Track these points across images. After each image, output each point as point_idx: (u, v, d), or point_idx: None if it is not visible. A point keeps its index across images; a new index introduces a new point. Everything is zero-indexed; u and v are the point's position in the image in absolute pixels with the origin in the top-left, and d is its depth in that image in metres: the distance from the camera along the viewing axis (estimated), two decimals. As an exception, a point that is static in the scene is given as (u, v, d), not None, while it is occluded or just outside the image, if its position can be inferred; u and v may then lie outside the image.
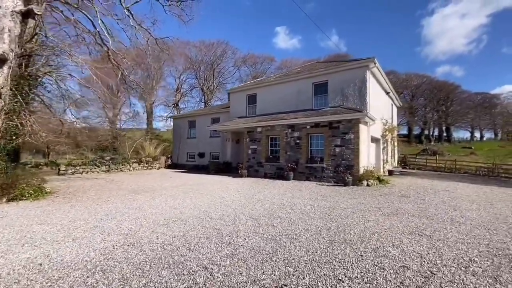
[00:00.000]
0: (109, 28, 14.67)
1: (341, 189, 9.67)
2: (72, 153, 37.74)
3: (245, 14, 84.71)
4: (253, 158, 14.35)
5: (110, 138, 42.53)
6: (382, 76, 13.71)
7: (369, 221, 5.41)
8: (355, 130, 10.95)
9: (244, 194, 8.55)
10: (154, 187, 10.33)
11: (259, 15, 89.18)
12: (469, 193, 9.35)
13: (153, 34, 15.81)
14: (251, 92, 16.50)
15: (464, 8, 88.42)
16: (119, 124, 45.95)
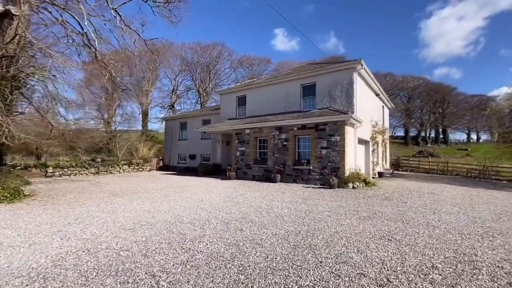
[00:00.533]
0: (98, 29, 14.61)
1: (325, 192, 9.55)
2: (66, 155, 37.46)
3: (244, 16, 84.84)
4: (242, 160, 14.22)
5: (105, 140, 42.36)
6: (371, 78, 13.65)
7: (342, 225, 5.29)
8: (341, 132, 10.85)
9: (224, 197, 8.42)
10: (137, 190, 10.18)
11: (258, 17, 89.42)
12: (454, 196, 9.25)
13: (142, 36, 15.76)
14: (241, 94, 16.40)
15: (461, 11, 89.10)
16: (114, 125, 45.80)
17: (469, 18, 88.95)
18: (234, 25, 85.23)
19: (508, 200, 8.79)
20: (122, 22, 14.89)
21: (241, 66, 52.54)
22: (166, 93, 52.68)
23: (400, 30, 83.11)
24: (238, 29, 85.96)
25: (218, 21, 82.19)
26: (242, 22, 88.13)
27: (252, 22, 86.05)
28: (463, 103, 66.22)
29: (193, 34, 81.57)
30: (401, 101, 67.45)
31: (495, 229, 5.24)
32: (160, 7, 14.25)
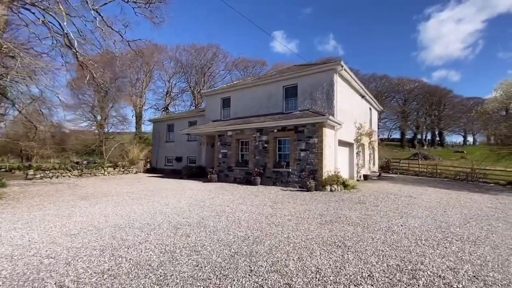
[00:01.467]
0: (81, 30, 14.46)
1: (300, 195, 9.34)
2: (57, 157, 37.23)
3: (242, 19, 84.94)
4: (224, 163, 14.01)
5: (97, 142, 42.12)
6: (354, 79, 13.50)
7: (298, 230, 5.08)
8: (318, 134, 10.67)
9: (193, 201, 8.20)
10: (109, 193, 9.95)
11: (257, 19, 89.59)
12: (431, 199, 9.06)
13: (125, 37, 15.60)
14: (225, 96, 16.24)
15: (460, 13, 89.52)
16: (107, 128, 45.56)
17: (467, 20, 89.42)
18: (231, 27, 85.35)
19: (486, 203, 8.60)
20: (104, 23, 14.77)
21: (236, 68, 52.52)
22: (160, 95, 52.61)
23: (398, 32, 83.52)
24: (236, 32, 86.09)
25: (215, 24, 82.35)
26: (239, 25, 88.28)
27: (250, 24, 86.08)
28: (459, 106, 66.30)
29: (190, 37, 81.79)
30: (397, 103, 67.52)
31: (457, 234, 5.04)
32: (141, 8, 14.12)
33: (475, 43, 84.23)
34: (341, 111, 12.46)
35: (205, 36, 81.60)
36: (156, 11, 14.43)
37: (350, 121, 13.98)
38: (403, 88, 67.87)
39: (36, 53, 15.02)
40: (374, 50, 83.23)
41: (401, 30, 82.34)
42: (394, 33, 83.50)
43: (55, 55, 14.52)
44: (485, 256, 3.95)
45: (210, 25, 79.62)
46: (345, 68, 11.90)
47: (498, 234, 5.11)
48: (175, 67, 50.35)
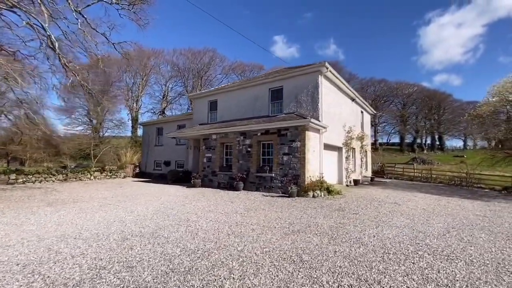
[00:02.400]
0: (66, 32, 14.24)
1: (280, 201, 8.89)
2: (51, 161, 36.95)
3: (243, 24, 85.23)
4: (208, 167, 13.60)
5: (92, 146, 41.84)
6: (342, 82, 13.14)
7: (257, 242, 4.65)
8: (301, 137, 10.26)
9: (162, 208, 7.77)
10: (81, 199, 9.54)
11: (258, 24, 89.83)
12: (418, 206, 8.59)
13: (110, 39, 15.35)
14: (212, 98, 15.90)
15: (460, 18, 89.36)
16: (102, 131, 45.37)
17: (468, 25, 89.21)
18: (230, 31, 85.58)
19: (474, 211, 8.14)
20: (89, 25, 14.55)
21: (233, 72, 52.41)
22: (157, 99, 52.50)
23: (398, 37, 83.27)
24: (234, 36, 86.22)
25: (215, 28, 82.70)
26: (240, 29, 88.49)
27: (252, 29, 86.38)
28: (459, 110, 65.76)
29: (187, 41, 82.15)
30: (396, 107, 67.11)
31: (431, 247, 4.60)
32: (125, 9, 13.88)
33: (475, 48, 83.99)
34: (327, 114, 12.07)
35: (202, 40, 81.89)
36: (140, 13, 14.19)
37: (338, 124, 13.58)
38: (402, 92, 67.44)
39: (22, 55, 14.84)
40: (374, 54, 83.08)
41: (401, 34, 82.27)
42: (395, 38, 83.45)
43: (43, 58, 14.31)
44: (455, 274, 3.50)
45: (207, 29, 79.94)
46: (330, 70, 11.55)
47: (477, 247, 4.65)
48: (171, 70, 50.37)
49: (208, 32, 79.70)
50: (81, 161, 37.44)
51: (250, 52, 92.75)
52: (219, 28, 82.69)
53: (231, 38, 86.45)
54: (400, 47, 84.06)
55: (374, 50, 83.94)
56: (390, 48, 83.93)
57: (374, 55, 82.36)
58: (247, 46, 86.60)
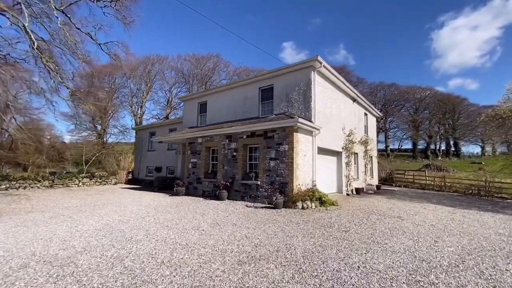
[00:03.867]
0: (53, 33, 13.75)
1: (261, 213, 7.62)
2: (53, 167, 37.04)
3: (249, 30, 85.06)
4: (193, 174, 12.49)
5: (95, 152, 41.84)
6: (340, 80, 11.85)
7: (191, 276, 3.44)
8: (289, 140, 9.01)
9: (114, 223, 6.65)
10: (42, 209, 8.58)
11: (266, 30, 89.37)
12: (426, 221, 7.13)
13: (95, 38, 14.75)
14: (202, 100, 14.91)
15: (474, 20, 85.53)
16: (106, 137, 45.40)
17: (483, 27, 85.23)
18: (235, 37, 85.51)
19: (496, 228, 6.61)
20: (73, 24, 13.98)
21: (238, 77, 51.74)
22: (161, 105, 52.38)
23: (411, 41, 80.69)
24: (240, 42, 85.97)
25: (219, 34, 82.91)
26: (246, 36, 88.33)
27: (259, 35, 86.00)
28: (475, 114, 62.47)
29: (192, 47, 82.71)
30: (408, 112, 64.53)
31: (433, 284, 3.25)
32: (108, 7, 13.21)
33: (492, 50, 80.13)
34: (322, 115, 10.79)
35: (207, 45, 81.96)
36: (124, 11, 13.52)
37: (337, 127, 12.24)
38: (413, 97, 64.87)
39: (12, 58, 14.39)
40: (386, 59, 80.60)
41: (414, 38, 79.78)
42: (406, 42, 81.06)
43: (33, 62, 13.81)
44: None
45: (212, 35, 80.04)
46: (324, 65, 10.32)
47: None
48: (176, 76, 50.26)
49: (213, 38, 79.85)
50: (81, 167, 37.32)
51: (256, 58, 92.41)
52: (224, 34, 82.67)
53: (235, 44, 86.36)
54: (412, 51, 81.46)
55: (385, 55, 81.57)
56: (402, 53, 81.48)
57: (385, 61, 79.95)
58: (252, 52, 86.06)
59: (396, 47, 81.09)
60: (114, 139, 46.48)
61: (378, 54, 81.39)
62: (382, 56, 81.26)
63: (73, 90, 14.09)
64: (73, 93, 14.18)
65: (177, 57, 50.65)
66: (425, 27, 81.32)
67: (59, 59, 14.81)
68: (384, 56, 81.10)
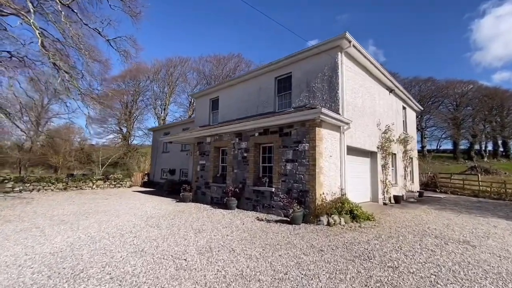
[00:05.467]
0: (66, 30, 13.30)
1: (274, 231, 5.88)
2: (81, 169, 38.38)
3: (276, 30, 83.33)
4: (201, 177, 11.08)
5: (121, 154, 42.84)
6: (373, 64, 9.73)
7: None
8: (310, 137, 7.16)
9: (85, 241, 5.32)
10: (29, 217, 7.62)
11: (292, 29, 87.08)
12: (510, 249, 4.93)
13: (104, 34, 14.07)
14: (214, 96, 13.51)
15: (523, 7, 75.86)
16: (131, 140, 46.33)
17: (533, 15, 75.21)
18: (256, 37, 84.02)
19: None
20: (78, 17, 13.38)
21: (260, 77, 50.24)
22: (184, 107, 52.56)
23: (447, 33, 73.50)
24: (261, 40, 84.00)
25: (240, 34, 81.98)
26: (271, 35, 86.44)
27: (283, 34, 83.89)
28: (528, 110, 55.03)
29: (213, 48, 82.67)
30: (447, 109, 58.48)
31: None
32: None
33: (543, 39, 70.26)
34: (352, 107, 8.79)
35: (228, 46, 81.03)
36: (130, 1, 12.59)
37: (370, 122, 10.11)
38: (453, 92, 58.63)
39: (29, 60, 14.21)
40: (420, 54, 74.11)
41: (451, 30, 72.48)
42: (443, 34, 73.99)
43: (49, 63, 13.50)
44: None
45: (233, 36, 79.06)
46: (354, 44, 8.33)
47: None
48: (197, 78, 50.12)
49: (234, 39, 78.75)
50: (108, 169, 38.19)
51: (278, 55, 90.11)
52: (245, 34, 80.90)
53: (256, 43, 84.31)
54: (449, 44, 74.03)
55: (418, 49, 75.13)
56: (438, 47, 74.47)
57: (419, 55, 73.55)
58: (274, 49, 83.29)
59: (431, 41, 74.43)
60: (138, 141, 47.40)
61: (410, 49, 75.29)
62: (414, 50, 75.07)
63: (81, 89, 13.49)
64: (80, 92, 13.57)
65: (198, 58, 50.56)
66: (464, 17, 73.53)
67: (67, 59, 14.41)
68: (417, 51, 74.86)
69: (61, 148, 36.01)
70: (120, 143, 44.70)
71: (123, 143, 43.74)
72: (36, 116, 37.93)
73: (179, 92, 51.05)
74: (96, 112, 14.88)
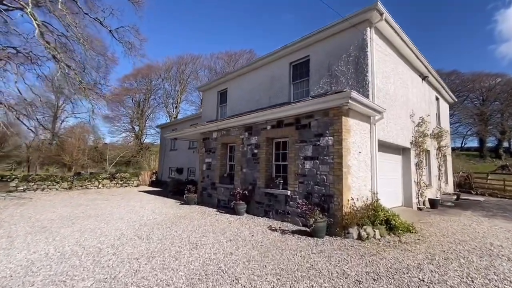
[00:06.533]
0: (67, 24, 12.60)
1: (292, 247, 4.61)
2: (94, 167, 38.57)
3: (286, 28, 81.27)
4: (207, 177, 9.94)
5: (134, 153, 42.79)
6: (406, 44, 8.20)
7: None
8: (335, 128, 5.80)
9: (54, 258, 4.27)
10: (9, 222, 6.74)
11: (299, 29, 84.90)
12: None
13: (106, 24, 13.24)
14: (222, 88, 12.33)
15: (553, -8, 69.74)
16: (143, 138, 46.23)
17: None
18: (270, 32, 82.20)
19: None
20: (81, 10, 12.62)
21: (272, 73, 48.81)
22: (196, 105, 52.00)
23: (469, 25, 68.54)
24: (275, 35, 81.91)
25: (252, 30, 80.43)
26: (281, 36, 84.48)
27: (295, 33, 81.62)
28: None
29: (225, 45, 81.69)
30: (472, 104, 54.60)
31: None
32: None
33: None
34: (383, 94, 7.35)
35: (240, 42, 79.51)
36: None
37: (403, 113, 8.59)
38: (479, 85, 54.67)
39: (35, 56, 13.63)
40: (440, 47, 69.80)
41: (473, 21, 67.50)
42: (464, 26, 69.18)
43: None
44: None
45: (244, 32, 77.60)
46: (386, 18, 6.87)
47: None
48: (209, 75, 49.34)
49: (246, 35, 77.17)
50: (120, 167, 38.14)
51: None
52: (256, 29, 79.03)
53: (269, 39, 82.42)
54: (472, 36, 68.93)
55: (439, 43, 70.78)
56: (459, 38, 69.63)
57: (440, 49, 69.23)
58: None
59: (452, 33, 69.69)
60: (151, 140, 47.27)
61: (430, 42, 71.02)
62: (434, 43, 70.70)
63: (82, 82, 12.71)
64: (82, 86, 12.79)
65: (210, 55, 49.81)
66: (488, 7, 68.28)
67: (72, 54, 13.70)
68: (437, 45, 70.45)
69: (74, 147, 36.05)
70: (133, 141, 44.71)
71: (136, 142, 43.69)
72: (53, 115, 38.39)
73: (191, 90, 50.53)
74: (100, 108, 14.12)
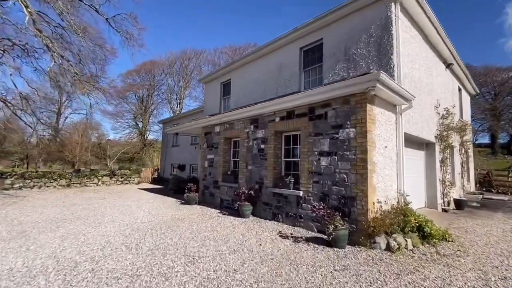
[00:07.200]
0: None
1: (308, 260, 3.79)
2: (97, 164, 38.26)
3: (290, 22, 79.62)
4: (210, 175, 9.15)
5: (137, 149, 42.37)
6: (433, 25, 7.22)
7: None
8: (358, 119, 4.92)
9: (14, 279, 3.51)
10: (1, 222, 6.05)
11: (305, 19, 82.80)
12: None
13: (101, 11, 12.45)
14: (225, 79, 11.47)
15: None
16: (147, 134, 45.73)
17: None
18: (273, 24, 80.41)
19: None
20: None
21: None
22: (200, 101, 51.25)
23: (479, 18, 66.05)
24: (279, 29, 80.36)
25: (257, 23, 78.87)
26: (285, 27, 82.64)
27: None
28: None
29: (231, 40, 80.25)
30: (484, 98, 52.76)
31: None
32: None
33: None
34: (409, 80, 6.42)
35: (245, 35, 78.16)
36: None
37: (428, 102, 7.64)
38: (491, 79, 52.75)
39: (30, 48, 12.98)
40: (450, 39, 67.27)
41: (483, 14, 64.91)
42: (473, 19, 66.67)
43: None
44: None
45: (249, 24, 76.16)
46: (415, -9, 5.91)
47: None
48: (213, 69, 48.49)
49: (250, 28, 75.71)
50: (124, 164, 37.73)
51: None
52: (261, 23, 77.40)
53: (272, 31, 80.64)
54: (481, 30, 66.36)
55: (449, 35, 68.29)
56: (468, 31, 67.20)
57: (449, 39, 66.74)
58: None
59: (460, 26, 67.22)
60: (155, 136, 46.75)
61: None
62: (447, 34, 68.22)
63: (77, 73, 11.98)
64: (76, 75, 12.06)
65: (213, 50, 49.01)
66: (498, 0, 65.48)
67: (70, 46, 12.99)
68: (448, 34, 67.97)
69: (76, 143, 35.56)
70: (136, 138, 44.27)
71: (139, 138, 43.22)
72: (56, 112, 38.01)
73: (194, 86, 49.77)
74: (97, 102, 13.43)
